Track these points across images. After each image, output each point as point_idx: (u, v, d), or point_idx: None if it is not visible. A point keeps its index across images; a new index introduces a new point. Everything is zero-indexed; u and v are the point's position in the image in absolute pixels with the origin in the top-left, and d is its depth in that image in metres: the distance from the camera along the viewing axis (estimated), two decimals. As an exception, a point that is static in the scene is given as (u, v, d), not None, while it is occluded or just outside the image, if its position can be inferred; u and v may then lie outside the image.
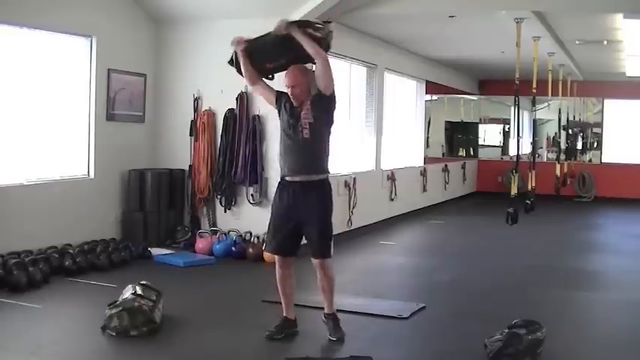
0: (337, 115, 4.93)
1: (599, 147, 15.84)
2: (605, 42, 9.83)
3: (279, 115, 4.84)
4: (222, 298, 6.00)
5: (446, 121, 16.82)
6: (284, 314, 4.85)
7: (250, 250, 7.60)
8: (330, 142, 4.84)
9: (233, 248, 7.69)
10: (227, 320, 5.29)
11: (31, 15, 6.75)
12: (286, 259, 4.80)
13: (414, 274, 7.49)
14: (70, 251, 6.78)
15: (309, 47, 4.63)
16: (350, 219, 9.01)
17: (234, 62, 5.15)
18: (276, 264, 4.83)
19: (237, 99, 7.98)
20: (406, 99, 12.62)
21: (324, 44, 4.73)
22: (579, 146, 16.05)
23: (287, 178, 4.74)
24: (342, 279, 5.06)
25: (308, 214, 4.68)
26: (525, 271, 7.51)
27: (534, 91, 9.41)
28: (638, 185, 14.85)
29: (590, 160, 15.88)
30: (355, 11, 7.94)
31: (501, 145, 17.17)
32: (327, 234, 4.73)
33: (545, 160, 15.50)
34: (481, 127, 16.98)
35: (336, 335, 4.76)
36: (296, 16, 7.64)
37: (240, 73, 5.09)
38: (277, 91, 4.89)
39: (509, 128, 16.90)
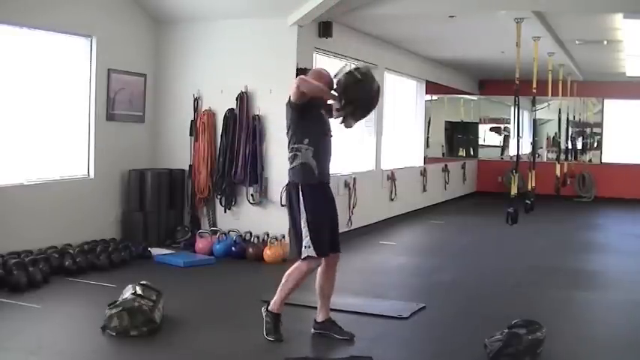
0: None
1: (599, 147, 15.85)
2: (605, 42, 9.83)
3: (315, 118, 4.69)
4: (222, 298, 6.00)
5: (446, 121, 16.81)
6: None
7: (250, 250, 7.60)
8: None
9: (233, 248, 7.69)
10: (227, 320, 5.29)
11: (31, 15, 6.75)
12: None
13: (414, 274, 7.49)
14: (70, 251, 6.78)
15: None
16: (350, 219, 9.01)
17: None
18: (319, 265, 4.71)
19: (237, 99, 7.98)
20: (406, 99, 12.62)
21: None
22: (579, 146, 16.07)
23: (324, 180, 4.73)
24: (342, 279, 5.05)
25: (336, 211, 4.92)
26: (525, 271, 7.52)
27: (534, 91, 9.41)
28: (638, 185, 14.86)
29: (590, 160, 15.88)
30: (355, 11, 7.94)
31: (501, 145, 17.14)
32: None
33: (545, 160, 15.50)
34: (481, 127, 16.98)
35: (347, 335, 4.76)
36: (295, 16, 7.67)
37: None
38: (314, 123, 4.74)
39: (506, 129, 16.94)
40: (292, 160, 4.69)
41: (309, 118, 4.66)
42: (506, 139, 16.98)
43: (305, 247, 4.61)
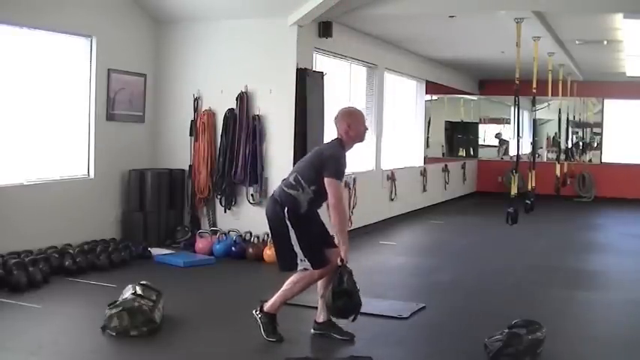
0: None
1: (599, 147, 15.85)
2: (605, 42, 9.83)
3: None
4: (222, 298, 6.00)
5: (446, 121, 16.81)
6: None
7: (250, 250, 7.60)
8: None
9: (233, 248, 7.69)
10: (227, 320, 5.29)
11: (31, 15, 6.75)
12: None
13: (414, 274, 7.49)
14: (70, 251, 6.78)
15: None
16: (350, 219, 8.99)
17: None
18: (323, 275, 4.71)
19: (237, 99, 7.98)
20: (406, 99, 12.62)
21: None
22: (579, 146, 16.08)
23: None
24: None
25: None
26: (525, 271, 7.52)
27: (534, 91, 9.41)
28: (638, 185, 14.85)
29: (590, 160, 15.88)
30: (355, 11, 7.94)
31: (497, 147, 17.15)
32: None
33: (545, 160, 15.50)
34: (481, 127, 16.99)
35: (347, 335, 4.77)
36: (295, 16, 7.67)
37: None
38: (344, 160, 4.82)
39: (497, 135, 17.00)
40: (289, 187, 4.67)
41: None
42: (502, 143, 16.98)
43: (300, 260, 4.63)
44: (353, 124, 4.76)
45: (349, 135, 4.76)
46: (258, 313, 4.74)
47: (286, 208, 4.63)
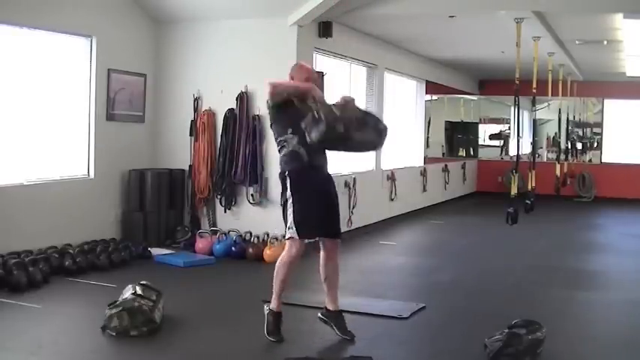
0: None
1: (599, 147, 15.85)
2: (605, 42, 9.83)
3: (294, 108, 4.69)
4: (222, 298, 6.00)
5: (446, 121, 16.82)
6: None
7: (250, 250, 7.60)
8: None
9: (233, 248, 7.69)
10: (227, 320, 5.29)
11: (31, 15, 6.75)
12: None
13: (414, 274, 7.49)
14: (70, 251, 6.78)
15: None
16: (350, 219, 9.00)
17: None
18: (302, 249, 4.69)
19: (237, 99, 7.99)
20: (406, 99, 12.62)
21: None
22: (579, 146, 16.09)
23: (314, 164, 4.70)
24: (342, 279, 5.04)
25: None
26: (525, 271, 7.52)
27: (534, 91, 9.41)
28: (638, 185, 14.86)
29: (590, 160, 15.89)
30: (355, 11, 7.95)
31: (500, 145, 17.17)
32: None
33: (545, 160, 15.50)
34: (481, 127, 16.99)
35: (348, 335, 4.77)
36: (295, 16, 7.67)
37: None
38: (294, 115, 4.62)
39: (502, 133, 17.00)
40: (280, 150, 4.77)
41: (288, 111, 4.67)
42: (506, 140, 16.99)
43: (288, 227, 4.66)
44: (296, 76, 4.86)
45: None
46: (267, 309, 4.77)
47: (287, 171, 4.68)
